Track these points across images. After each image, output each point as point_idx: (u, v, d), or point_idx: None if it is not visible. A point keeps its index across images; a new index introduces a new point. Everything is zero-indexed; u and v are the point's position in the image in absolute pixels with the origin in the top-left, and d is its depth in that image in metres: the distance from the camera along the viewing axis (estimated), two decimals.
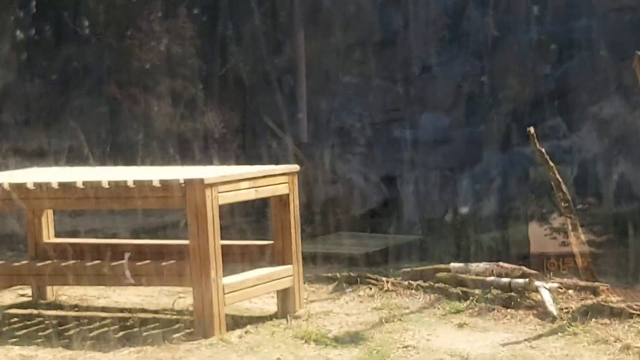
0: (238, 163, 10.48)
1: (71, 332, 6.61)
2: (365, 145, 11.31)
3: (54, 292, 7.58)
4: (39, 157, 12.14)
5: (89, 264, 6.76)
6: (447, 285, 7.32)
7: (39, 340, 6.38)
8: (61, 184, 6.57)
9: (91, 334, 6.51)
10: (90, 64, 12.70)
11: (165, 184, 6.39)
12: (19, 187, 6.66)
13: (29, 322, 6.92)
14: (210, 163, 11.12)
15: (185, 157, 11.83)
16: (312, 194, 10.78)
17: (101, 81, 12.71)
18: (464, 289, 7.21)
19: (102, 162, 11.70)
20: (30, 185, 6.62)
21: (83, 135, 12.31)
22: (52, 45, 12.63)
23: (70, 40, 12.69)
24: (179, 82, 12.53)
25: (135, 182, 6.43)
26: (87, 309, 7.32)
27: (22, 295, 7.71)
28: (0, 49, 12.56)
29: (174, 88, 12.44)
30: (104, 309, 7.27)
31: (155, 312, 7.12)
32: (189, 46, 12.71)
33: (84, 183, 6.52)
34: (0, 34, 12.53)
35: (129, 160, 11.62)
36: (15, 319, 7.01)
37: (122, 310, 7.18)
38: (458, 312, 6.91)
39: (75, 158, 12.05)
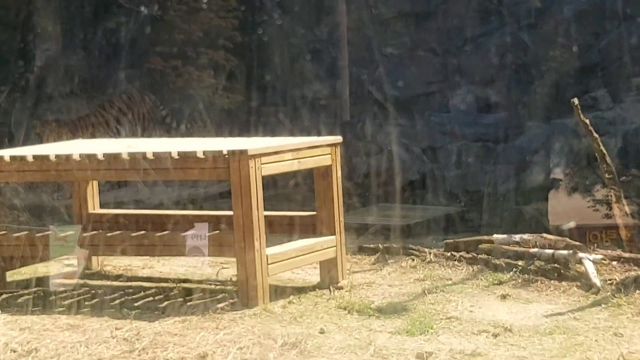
0: (280, 134, 10.52)
1: (116, 301, 6.66)
2: (406, 116, 11.30)
3: (99, 262, 7.64)
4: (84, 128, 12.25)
5: (134, 234, 6.81)
6: (489, 257, 7.31)
7: (86, 309, 6.44)
8: (106, 155, 6.62)
9: (136, 304, 6.56)
10: (133, 36, 12.77)
11: (209, 155, 6.41)
12: (65, 159, 6.71)
13: (74, 292, 6.98)
14: (251, 134, 11.17)
15: (226, 128, 11.90)
16: (354, 166, 10.80)
17: (144, 53, 12.78)
18: (507, 260, 7.19)
19: (148, 134, 11.80)
20: (76, 157, 6.67)
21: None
22: (95, 18, 12.71)
23: (113, 12, 12.76)
24: (221, 54, 12.58)
25: (179, 153, 6.47)
26: (132, 279, 7.38)
27: (68, 266, 7.78)
28: (44, 23, 12.66)
29: (215, 60, 12.49)
30: (148, 279, 7.33)
31: (199, 282, 7.17)
32: (230, 18, 12.74)
33: (129, 154, 6.56)
34: (44, 7, 12.62)
35: (172, 132, 11.70)
36: (62, 289, 7.08)
37: (166, 280, 7.23)
38: (501, 283, 6.90)
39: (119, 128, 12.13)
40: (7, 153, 6.99)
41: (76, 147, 7.25)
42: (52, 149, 7.19)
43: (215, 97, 12.46)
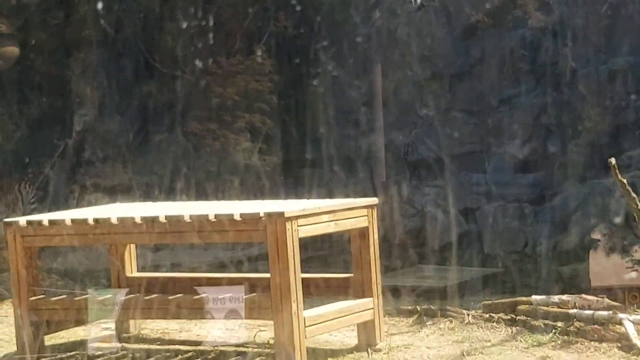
0: (316, 197, 10.53)
1: None
2: (442, 177, 11.29)
3: (136, 326, 7.65)
4: (120, 192, 12.33)
5: (171, 297, 6.82)
6: (528, 318, 7.25)
7: None
8: (144, 219, 6.66)
9: None
10: (170, 100, 12.89)
11: (246, 218, 6.43)
12: (103, 222, 6.76)
13: (112, 356, 6.99)
14: (288, 197, 11.18)
15: (264, 191, 11.94)
16: (391, 227, 10.78)
17: (180, 117, 12.88)
18: (546, 321, 7.13)
19: (183, 196, 11.84)
20: (113, 220, 6.72)
21: (162, 171, 12.47)
22: (132, 82, 12.84)
23: (149, 77, 12.90)
24: (257, 117, 12.67)
25: (216, 215, 6.49)
26: (170, 342, 7.38)
27: (106, 329, 7.80)
28: (82, 88, 12.81)
29: (252, 123, 12.58)
30: (185, 342, 7.33)
31: (237, 345, 7.15)
32: (266, 82, 12.85)
33: (167, 217, 6.60)
34: (82, 72, 12.78)
35: (209, 195, 11.75)
36: (99, 352, 7.09)
37: (203, 343, 7.22)
38: (540, 344, 6.84)
39: (155, 193, 12.20)
40: (46, 217, 7.05)
41: (114, 210, 7.30)
42: (90, 212, 7.24)
43: (251, 160, 12.53)
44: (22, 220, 7.00)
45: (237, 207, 6.84)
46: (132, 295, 7.07)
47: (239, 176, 12.51)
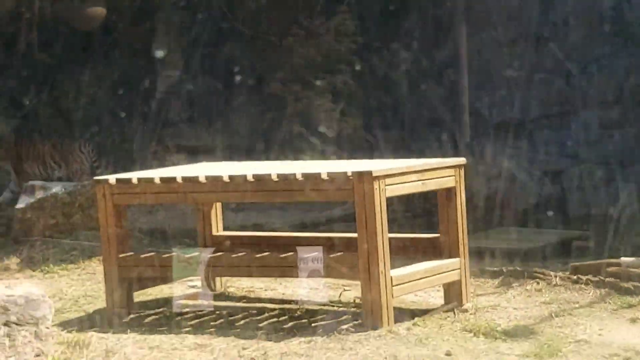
0: (399, 157, 10.48)
1: (242, 322, 6.72)
2: (527, 139, 11.18)
3: (222, 284, 7.72)
4: (201, 153, 12.40)
5: (258, 255, 6.86)
6: (617, 280, 7.16)
7: (212, 329, 6.50)
8: (231, 177, 6.69)
9: (261, 325, 6.61)
10: (252, 61, 12.90)
11: (334, 177, 6.43)
12: (191, 181, 6.80)
13: (199, 312, 7.06)
14: (369, 158, 11.15)
15: (345, 152, 11.91)
16: (474, 189, 10.70)
17: (263, 78, 12.90)
18: (636, 283, 7.04)
19: (264, 157, 11.88)
20: (202, 179, 6.76)
21: (244, 132, 12.52)
22: (215, 43, 12.88)
23: (232, 39, 12.92)
24: (339, 79, 12.63)
25: (303, 174, 6.50)
26: (255, 300, 7.43)
27: (192, 287, 7.87)
28: (166, 50, 12.88)
29: (334, 84, 12.55)
30: (271, 301, 7.37)
31: (322, 304, 7.17)
32: (349, 43, 12.79)
33: (254, 176, 6.62)
34: (165, 34, 12.85)
35: (290, 156, 11.77)
36: (187, 309, 7.17)
37: (289, 301, 7.26)
38: (630, 307, 6.76)
39: (237, 154, 12.25)
40: (135, 175, 7.12)
41: (201, 169, 7.35)
42: (178, 171, 7.30)
43: (333, 121, 12.51)
44: (112, 178, 7.08)
45: (323, 167, 6.85)
46: (218, 254, 7.13)
47: (320, 137, 12.50)
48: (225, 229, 8.09)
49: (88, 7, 12.34)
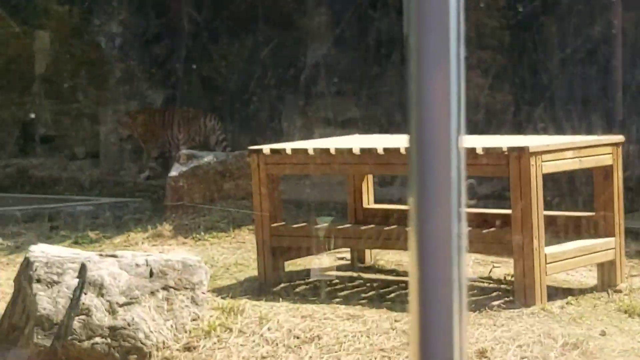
0: (550, 135, 10.32)
1: (392, 295, 6.74)
2: None
3: (372, 257, 7.74)
4: (349, 126, 12.44)
5: (409, 229, 6.83)
6: None
7: (363, 301, 6.54)
8: (386, 150, 6.70)
9: None
10: (397, 35, 12.86)
11: (489, 152, 6.38)
12: (345, 152, 6.84)
13: (350, 284, 7.11)
14: (519, 134, 11.00)
15: (494, 128, 11.78)
16: (628, 167, 10.47)
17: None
18: None
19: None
20: (356, 151, 6.79)
21: (391, 105, 12.51)
22: (365, 16, 12.87)
23: (382, 11, 12.90)
24: (489, 53, 12.50)
25: None
26: (405, 274, 7.43)
27: (341, 259, 7.93)
28: (315, 22, 12.94)
29: (483, 59, 12.42)
30: None
31: (472, 280, 7.14)
32: (499, 17, 12.64)
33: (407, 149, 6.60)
34: (315, 6, 12.90)
35: None
36: (337, 281, 7.23)
37: None
38: None
39: (384, 127, 12.24)
40: (288, 146, 7.20)
41: (354, 141, 7.38)
42: (331, 142, 7.34)
43: (481, 97, 12.41)
44: (266, 148, 7.17)
45: (477, 141, 6.80)
46: (370, 226, 7.16)
47: (468, 112, 12.40)
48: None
49: None
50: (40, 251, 6.30)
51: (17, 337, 6.08)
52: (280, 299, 6.57)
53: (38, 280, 6.04)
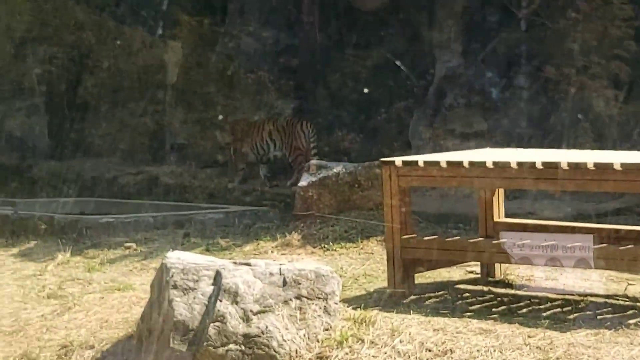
0: None
1: (524, 310, 6.68)
2: None
3: (502, 271, 7.69)
4: (474, 139, 12.38)
5: (543, 244, 6.78)
6: None
7: (494, 315, 6.50)
8: (520, 164, 6.65)
9: (544, 314, 6.55)
10: (529, 46, 12.75)
11: (628, 168, 6.28)
12: (478, 166, 6.81)
13: (480, 298, 7.07)
14: None
15: (621, 141, 11.60)
16: None
17: (538, 62, 12.72)
18: None
19: (539, 144, 11.71)
20: (489, 164, 6.76)
21: (521, 118, 12.40)
22: (493, 29, 12.80)
23: (508, 23, 12.81)
24: (615, 64, 12.29)
25: (595, 164, 6.38)
26: (536, 289, 7.36)
27: (470, 272, 7.89)
28: (445, 35, 12.90)
29: (609, 70, 12.23)
30: (552, 290, 7.28)
31: (606, 297, 7.03)
32: (626, 27, 12.43)
33: (543, 164, 6.56)
34: (446, 19, 12.87)
35: (563, 142, 11.58)
36: (467, 294, 7.19)
37: (570, 292, 7.15)
38: None
39: (511, 140, 12.14)
40: (421, 158, 7.19)
41: (486, 154, 7.34)
42: (463, 155, 7.32)
43: (608, 108, 12.21)
44: (398, 160, 7.19)
45: (612, 157, 6.71)
46: (501, 240, 7.10)
47: (594, 124, 12.22)
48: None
49: None
50: (177, 258, 6.42)
51: (153, 341, 6.22)
52: (411, 311, 6.57)
53: (175, 287, 6.16)
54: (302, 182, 9.87)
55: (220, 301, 6.05)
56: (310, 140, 12.97)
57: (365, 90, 13.37)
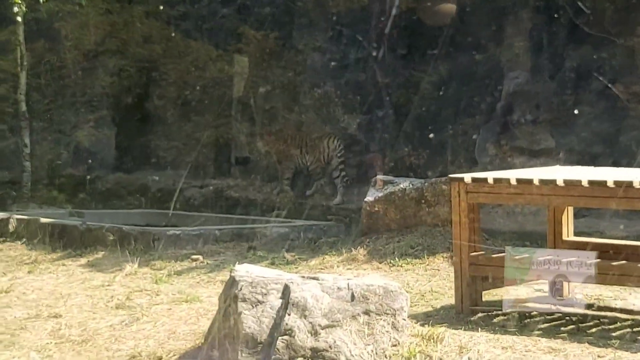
0: None
1: (593, 330, 6.61)
2: None
3: (569, 289, 7.62)
4: (543, 156, 12.28)
5: (614, 263, 6.71)
6: None
7: (563, 334, 6.44)
8: (591, 182, 6.60)
9: (614, 334, 6.47)
10: (598, 63, 12.65)
11: None
12: (548, 184, 6.76)
13: (548, 317, 7.00)
14: None
15: None
16: None
17: (607, 81, 12.61)
18: None
19: (607, 162, 11.60)
20: (559, 182, 6.71)
21: (589, 135, 12.29)
22: (562, 45, 12.72)
23: (578, 40, 12.72)
24: None
25: None
26: (605, 308, 7.28)
27: (538, 290, 7.83)
28: (514, 50, 12.84)
29: None
30: (622, 310, 7.20)
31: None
32: None
33: (615, 182, 6.50)
34: (514, 35, 12.82)
35: (635, 161, 11.45)
36: (534, 313, 7.13)
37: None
38: None
39: (578, 158, 12.04)
40: (490, 175, 7.16)
41: (555, 172, 7.29)
42: (533, 173, 7.27)
43: None
44: (468, 176, 7.16)
45: None
46: (572, 259, 7.03)
47: None
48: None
49: (440, 3, 12.53)
50: (245, 271, 6.46)
51: (221, 353, 6.25)
52: (479, 329, 6.54)
53: (243, 300, 6.19)
54: (369, 198, 9.86)
55: (289, 315, 6.07)
56: (338, 155, 13.44)
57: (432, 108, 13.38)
